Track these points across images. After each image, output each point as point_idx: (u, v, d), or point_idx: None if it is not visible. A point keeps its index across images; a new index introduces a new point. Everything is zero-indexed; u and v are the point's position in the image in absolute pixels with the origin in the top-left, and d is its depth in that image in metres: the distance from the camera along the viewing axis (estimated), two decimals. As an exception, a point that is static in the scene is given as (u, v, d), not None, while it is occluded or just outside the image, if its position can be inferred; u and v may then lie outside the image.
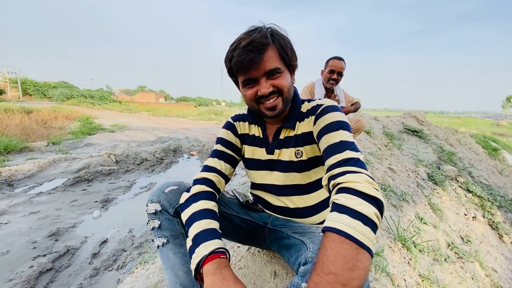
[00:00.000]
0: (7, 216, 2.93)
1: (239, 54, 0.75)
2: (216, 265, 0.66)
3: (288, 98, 0.84)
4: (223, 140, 0.99)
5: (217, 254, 0.68)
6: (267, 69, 0.77)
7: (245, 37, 0.75)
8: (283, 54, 0.78)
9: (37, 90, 37.21)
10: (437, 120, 17.51)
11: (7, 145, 5.95)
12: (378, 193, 0.57)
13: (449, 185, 3.37)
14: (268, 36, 0.76)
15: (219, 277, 0.63)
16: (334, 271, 0.48)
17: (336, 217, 0.55)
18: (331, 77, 2.20)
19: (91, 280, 1.96)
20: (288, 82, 0.82)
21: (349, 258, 0.49)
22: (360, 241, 0.50)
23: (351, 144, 0.71)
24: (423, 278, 1.58)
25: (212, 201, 0.83)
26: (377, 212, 0.55)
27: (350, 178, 0.60)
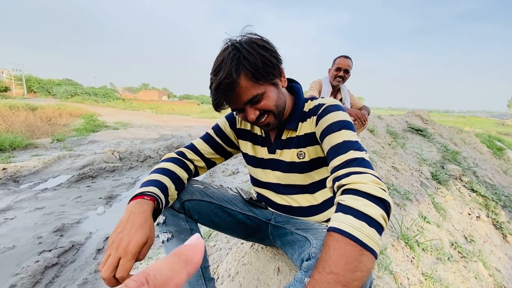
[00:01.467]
0: (13, 212, 2.97)
1: (213, 97, 0.77)
2: (136, 204, 0.70)
3: (279, 111, 0.83)
4: (218, 128, 1.03)
5: (141, 196, 0.73)
6: (245, 101, 0.76)
7: (213, 78, 0.75)
8: (258, 78, 0.74)
9: (41, 87, 37.51)
10: (441, 119, 17.37)
11: (13, 141, 6.02)
12: (385, 194, 0.56)
13: (453, 185, 3.35)
14: (233, 73, 0.71)
15: (131, 217, 0.66)
16: (336, 271, 0.47)
17: (340, 217, 0.54)
18: (337, 75, 2.20)
19: (96, 275, 1.98)
20: (274, 99, 0.80)
21: (352, 259, 0.48)
22: (364, 243, 0.49)
23: (354, 144, 0.69)
24: (426, 276, 1.58)
25: (175, 164, 0.88)
26: (384, 214, 0.54)
27: (355, 179, 0.59)
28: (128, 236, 0.62)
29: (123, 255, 0.59)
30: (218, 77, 0.72)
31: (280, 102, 0.82)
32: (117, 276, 0.58)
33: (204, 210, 0.92)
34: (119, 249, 0.60)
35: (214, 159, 1.01)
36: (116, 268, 0.58)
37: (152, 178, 0.80)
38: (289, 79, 0.93)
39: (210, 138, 1.01)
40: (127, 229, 0.63)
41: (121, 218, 0.66)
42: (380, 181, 0.59)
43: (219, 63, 0.74)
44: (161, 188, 0.78)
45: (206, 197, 0.93)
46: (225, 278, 1.17)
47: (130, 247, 0.60)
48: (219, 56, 0.75)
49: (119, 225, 0.65)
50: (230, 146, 1.03)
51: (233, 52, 0.72)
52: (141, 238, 0.62)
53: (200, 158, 0.97)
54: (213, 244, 1.64)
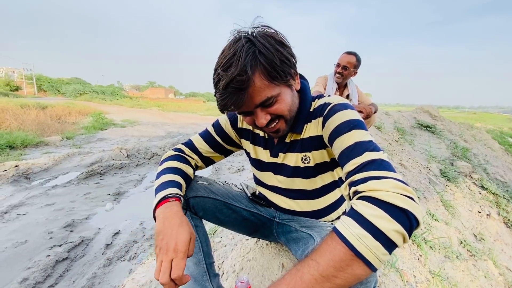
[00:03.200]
0: (25, 208, 3.05)
1: (221, 97, 0.66)
2: (165, 208, 0.70)
3: (291, 116, 0.76)
4: (218, 126, 0.98)
5: (167, 199, 0.72)
6: (257, 103, 0.68)
7: (222, 75, 0.63)
8: (274, 78, 0.65)
9: (51, 86, 38.21)
10: (451, 115, 16.99)
11: (24, 139, 6.17)
12: (411, 203, 0.48)
13: (462, 182, 3.29)
14: (248, 69, 0.61)
15: (168, 222, 0.66)
16: (318, 260, 0.48)
17: (346, 221, 0.50)
18: (336, 71, 2.18)
19: (105, 270, 2.03)
20: (288, 103, 0.72)
21: (338, 259, 0.46)
22: (359, 253, 0.46)
23: (369, 144, 0.61)
24: (433, 274, 1.56)
25: (179, 162, 0.88)
26: (400, 229, 0.46)
27: (373, 186, 0.51)
28: (172, 238, 0.62)
29: (174, 256, 0.60)
30: (228, 73, 0.62)
31: (294, 106, 0.76)
32: (173, 277, 0.59)
33: (209, 207, 0.92)
34: (169, 252, 0.61)
35: (212, 157, 0.99)
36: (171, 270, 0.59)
37: (167, 180, 0.79)
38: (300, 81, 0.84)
39: (209, 136, 0.97)
40: (168, 233, 0.64)
41: (157, 227, 0.66)
42: (405, 185, 0.50)
43: (230, 56, 0.63)
44: (179, 187, 0.78)
45: (210, 194, 0.93)
46: (230, 274, 1.18)
47: (179, 247, 0.61)
48: (229, 49, 0.64)
49: (158, 234, 0.65)
50: (230, 144, 0.99)
51: (247, 45, 0.62)
52: (185, 236, 0.63)
53: (198, 156, 0.95)
54: (218, 240, 1.65)
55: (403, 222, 0.46)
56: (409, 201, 0.48)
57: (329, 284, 0.47)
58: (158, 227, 0.66)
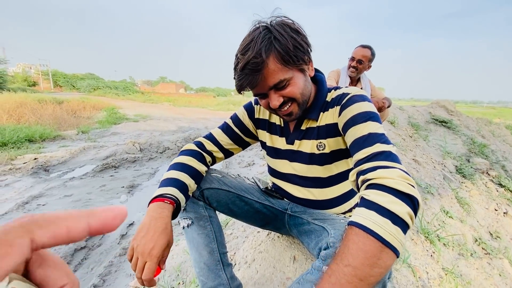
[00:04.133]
0: (44, 198, 3.19)
1: (238, 78, 0.74)
2: (156, 207, 0.73)
3: (304, 101, 0.80)
4: (236, 118, 1.02)
5: (161, 198, 0.75)
6: (270, 85, 0.73)
7: (240, 58, 0.71)
8: (287, 61, 0.71)
9: (66, 81, 39.29)
10: (468, 110, 16.41)
11: (42, 133, 6.39)
12: (414, 190, 0.53)
13: (479, 179, 3.20)
14: (263, 52, 0.68)
15: (153, 222, 0.70)
16: (354, 264, 0.47)
17: (363, 213, 0.52)
18: (351, 65, 2.14)
19: (120, 259, 2.10)
20: (300, 86, 0.77)
21: (371, 255, 0.47)
22: (386, 240, 0.47)
23: (381, 136, 0.65)
24: (446, 271, 1.54)
25: (193, 158, 0.90)
26: (410, 212, 0.51)
27: (382, 174, 0.55)
28: (151, 241, 0.67)
29: (148, 259, 0.66)
30: (246, 56, 0.69)
31: (306, 91, 0.79)
32: (144, 278, 0.65)
33: (222, 198, 0.95)
34: (144, 254, 0.66)
35: (232, 150, 1.03)
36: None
37: (172, 177, 0.82)
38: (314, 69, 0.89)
39: (228, 128, 1.01)
40: (149, 234, 0.68)
41: (143, 222, 0.71)
42: (408, 176, 0.55)
43: (248, 42, 0.71)
44: (180, 188, 0.80)
45: (224, 186, 0.95)
46: (242, 265, 1.21)
47: (154, 252, 0.66)
48: (248, 36, 0.72)
49: (141, 229, 0.70)
50: (248, 136, 1.03)
51: (263, 32, 0.70)
52: (163, 243, 0.68)
53: (219, 149, 0.99)
54: (230, 233, 1.68)
55: (410, 205, 0.52)
56: (411, 187, 0.53)
57: (366, 285, 0.47)
58: (144, 221, 0.71)
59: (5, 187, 3.50)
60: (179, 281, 1.40)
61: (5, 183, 3.59)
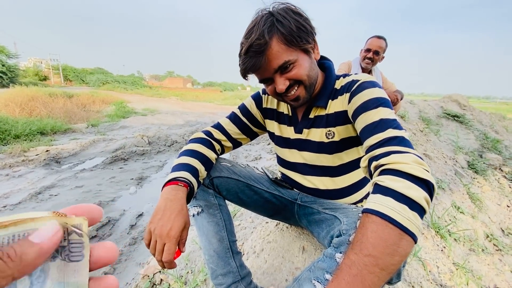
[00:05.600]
0: (56, 189, 3.27)
1: (243, 62, 0.73)
2: (170, 190, 0.73)
3: (311, 83, 0.78)
4: (244, 108, 1.02)
5: (175, 182, 0.75)
6: (275, 67, 0.72)
7: (244, 42, 0.71)
8: (291, 42, 0.70)
9: (76, 76, 39.84)
10: (481, 106, 15.91)
11: (53, 126, 6.53)
12: (429, 175, 0.52)
13: (491, 175, 3.12)
14: (265, 34, 0.68)
15: (168, 204, 0.69)
16: (374, 253, 0.45)
17: (379, 199, 0.50)
18: (366, 56, 2.09)
19: (130, 248, 2.15)
20: (306, 68, 0.75)
21: (391, 242, 0.46)
22: (404, 227, 0.46)
23: (393, 122, 0.63)
24: (457, 266, 1.51)
25: (203, 145, 0.90)
26: (427, 196, 0.50)
27: (396, 159, 0.54)
28: (169, 222, 0.67)
29: (167, 240, 0.65)
30: (249, 39, 0.69)
31: (313, 73, 0.78)
32: (164, 260, 0.65)
33: (231, 187, 0.95)
34: (162, 236, 0.65)
35: (240, 139, 1.02)
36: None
37: (183, 162, 0.82)
38: (321, 56, 0.88)
39: (236, 118, 1.01)
40: (166, 216, 0.67)
41: (158, 205, 0.70)
42: (422, 161, 0.54)
43: (251, 27, 0.71)
44: (192, 172, 0.80)
45: (233, 175, 0.95)
46: (250, 254, 1.21)
47: (172, 232, 0.66)
48: (251, 22, 0.72)
49: (157, 212, 0.69)
50: (256, 126, 1.02)
51: (266, 16, 0.70)
52: (180, 224, 0.68)
53: (227, 138, 0.98)
54: (238, 223, 1.69)
55: (426, 190, 0.51)
56: (426, 172, 0.52)
57: (388, 275, 0.46)
58: (159, 204, 0.70)
59: (19, 177, 3.60)
60: (188, 270, 1.42)
61: (19, 174, 3.69)
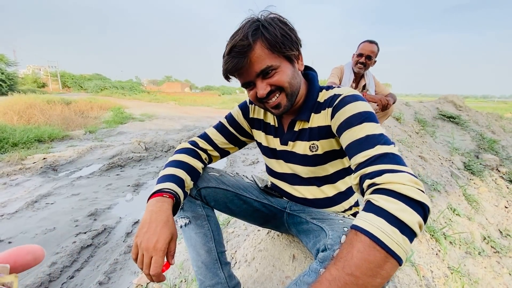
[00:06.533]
0: (53, 197, 3.25)
1: (225, 62, 0.73)
2: (155, 202, 0.72)
3: (293, 92, 0.77)
4: (231, 118, 1.02)
5: (160, 193, 0.74)
6: (257, 71, 0.71)
7: (228, 43, 0.71)
8: (274, 48, 0.70)
9: (74, 82, 39.94)
10: (478, 105, 15.95)
11: (51, 133, 6.52)
12: (424, 197, 0.50)
13: (488, 175, 3.12)
14: (249, 36, 0.68)
15: (154, 216, 0.69)
16: (356, 274, 0.45)
17: (371, 218, 0.49)
18: (359, 61, 2.09)
19: (125, 256, 2.13)
20: (288, 76, 0.74)
21: (375, 265, 0.45)
22: (392, 250, 0.46)
23: (380, 137, 0.62)
24: (452, 270, 1.51)
25: (189, 156, 0.90)
26: (420, 221, 0.48)
27: (391, 179, 0.52)
28: (155, 235, 0.65)
29: (154, 253, 0.64)
30: (233, 40, 0.70)
31: (295, 81, 0.77)
32: (152, 273, 0.63)
33: (220, 197, 0.94)
34: (149, 249, 0.64)
35: (227, 149, 1.02)
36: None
37: (168, 173, 0.81)
38: (305, 66, 0.87)
39: (223, 127, 1.00)
40: (152, 228, 0.66)
41: (144, 218, 0.69)
42: (417, 180, 0.52)
43: (236, 30, 0.72)
44: (178, 183, 0.79)
45: (221, 185, 0.95)
46: (242, 263, 1.20)
47: (158, 245, 0.65)
48: (238, 26, 0.73)
49: (143, 225, 0.68)
50: (243, 135, 1.02)
51: (252, 21, 0.71)
52: (167, 236, 0.66)
53: (213, 147, 0.98)
54: (231, 231, 1.68)
55: (421, 213, 0.49)
56: (422, 194, 0.50)
57: None
58: (145, 217, 0.69)
59: (16, 186, 3.58)
60: (182, 279, 1.41)
61: (16, 183, 3.68)
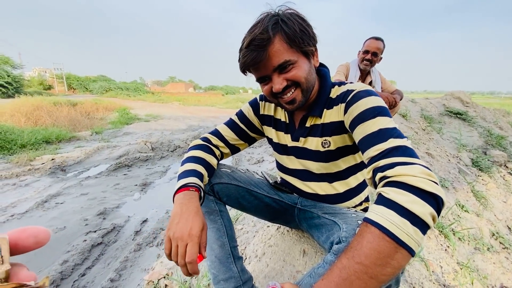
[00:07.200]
0: (62, 197, 3.31)
1: (243, 55, 0.72)
2: (183, 196, 0.73)
3: (308, 87, 0.78)
4: (241, 114, 1.03)
5: (187, 188, 0.76)
6: (275, 65, 0.72)
7: (247, 36, 0.71)
8: (293, 42, 0.70)
9: (79, 84, 40.40)
10: (485, 102, 15.70)
11: (58, 135, 6.61)
12: (437, 188, 0.50)
13: (496, 172, 3.09)
14: (269, 29, 0.68)
15: (184, 209, 0.70)
16: (365, 263, 0.47)
17: (381, 211, 0.50)
18: (365, 58, 2.08)
19: (135, 254, 2.17)
20: (304, 71, 0.75)
21: (385, 255, 0.47)
22: (402, 241, 0.46)
23: (393, 131, 0.62)
24: (461, 266, 1.50)
25: (204, 152, 0.91)
26: (433, 212, 0.48)
27: (402, 171, 0.52)
28: (187, 223, 0.67)
29: (189, 240, 0.65)
30: (252, 33, 0.69)
31: (311, 77, 0.78)
32: (187, 261, 0.64)
33: (232, 193, 0.96)
34: (184, 237, 0.65)
35: (238, 145, 1.03)
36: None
37: (190, 168, 0.83)
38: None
39: (234, 124, 1.02)
40: (184, 218, 0.68)
41: (174, 211, 0.70)
42: (430, 172, 0.52)
43: (255, 23, 0.72)
44: (199, 177, 0.81)
45: (233, 181, 0.97)
46: (252, 259, 1.22)
47: (193, 231, 0.66)
48: (256, 20, 0.73)
49: (174, 218, 0.69)
50: (254, 132, 1.03)
51: (271, 15, 0.71)
52: (199, 224, 0.68)
53: (224, 144, 1.00)
54: (240, 228, 1.70)
55: (433, 205, 0.49)
56: (435, 185, 0.50)
57: (377, 284, 0.48)
58: (175, 210, 0.70)
59: (25, 186, 3.65)
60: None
61: (25, 183, 3.75)
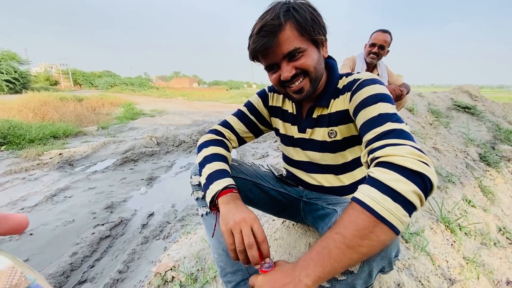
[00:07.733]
0: (70, 191, 3.37)
1: (253, 41, 0.72)
2: (229, 197, 0.74)
3: (317, 77, 0.78)
4: (250, 105, 1.02)
5: (230, 189, 0.76)
6: (285, 52, 0.72)
7: (258, 22, 0.71)
8: (304, 30, 0.71)
9: (85, 79, 40.73)
10: (494, 96, 15.39)
11: (65, 130, 6.70)
12: (425, 167, 0.50)
13: (504, 167, 3.05)
14: (281, 16, 0.69)
15: (233, 205, 0.71)
16: (343, 233, 0.50)
17: (364, 189, 0.53)
18: (371, 51, 2.05)
19: (142, 247, 2.20)
20: (313, 60, 0.75)
21: (363, 227, 0.49)
22: (382, 216, 0.48)
23: (392, 115, 0.63)
24: (467, 260, 1.50)
25: (221, 147, 0.90)
26: (417, 190, 0.49)
27: (390, 151, 0.54)
28: (243, 213, 0.67)
29: (252, 222, 0.66)
30: (263, 19, 0.70)
31: (319, 67, 0.78)
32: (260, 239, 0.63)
33: (240, 186, 0.96)
34: (246, 219, 0.66)
35: (246, 137, 1.03)
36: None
37: (221, 168, 0.83)
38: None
39: (244, 115, 1.01)
40: (238, 211, 0.68)
41: (223, 213, 0.70)
42: (421, 153, 0.52)
43: (266, 10, 0.72)
44: (231, 177, 0.82)
45: (240, 174, 0.97)
46: (258, 252, 1.23)
47: (251, 215, 0.67)
48: (267, 7, 0.73)
49: (226, 215, 0.69)
50: (263, 124, 1.03)
51: (282, 3, 0.72)
52: (252, 214, 0.69)
53: (236, 137, 0.99)
54: (246, 222, 1.71)
55: (419, 184, 0.49)
56: (423, 165, 0.50)
57: (356, 254, 0.50)
58: (225, 211, 0.70)
59: (34, 180, 3.73)
60: (198, 268, 1.45)
61: (34, 177, 3.83)
